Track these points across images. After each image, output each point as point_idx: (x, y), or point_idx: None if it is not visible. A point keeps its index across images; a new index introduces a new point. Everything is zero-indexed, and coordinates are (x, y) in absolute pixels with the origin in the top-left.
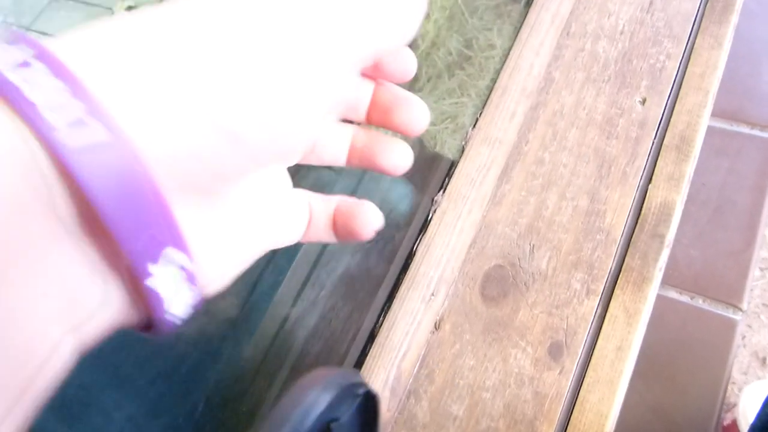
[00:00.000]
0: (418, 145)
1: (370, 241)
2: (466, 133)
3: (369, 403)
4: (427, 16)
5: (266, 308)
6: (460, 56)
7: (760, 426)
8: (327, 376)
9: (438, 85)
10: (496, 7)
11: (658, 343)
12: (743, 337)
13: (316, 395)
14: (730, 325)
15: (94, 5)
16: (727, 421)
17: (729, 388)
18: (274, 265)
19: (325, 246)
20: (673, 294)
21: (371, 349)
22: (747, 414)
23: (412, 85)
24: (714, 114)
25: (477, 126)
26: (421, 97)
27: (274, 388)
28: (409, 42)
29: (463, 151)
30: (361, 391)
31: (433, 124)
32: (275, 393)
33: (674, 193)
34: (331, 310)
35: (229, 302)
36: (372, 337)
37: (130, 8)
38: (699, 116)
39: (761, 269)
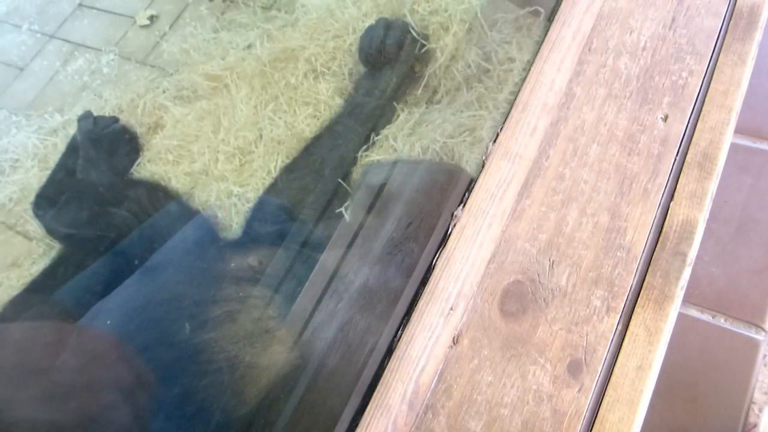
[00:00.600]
0: (437, 158)
1: (388, 254)
2: (486, 148)
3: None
4: (447, 30)
5: (284, 318)
6: (478, 69)
7: None
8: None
9: (456, 98)
10: (515, 20)
11: (679, 362)
12: (764, 356)
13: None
14: (753, 345)
15: (118, 14)
16: None
17: (751, 408)
18: (292, 275)
19: (343, 257)
20: (694, 312)
21: (389, 363)
22: None
23: (431, 98)
24: (737, 131)
25: (497, 141)
26: (439, 110)
27: (290, 400)
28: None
29: (483, 165)
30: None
31: (450, 136)
32: (292, 405)
33: (696, 211)
34: (348, 323)
35: (247, 313)
36: (390, 351)
37: (152, 17)
38: (722, 134)
39: None
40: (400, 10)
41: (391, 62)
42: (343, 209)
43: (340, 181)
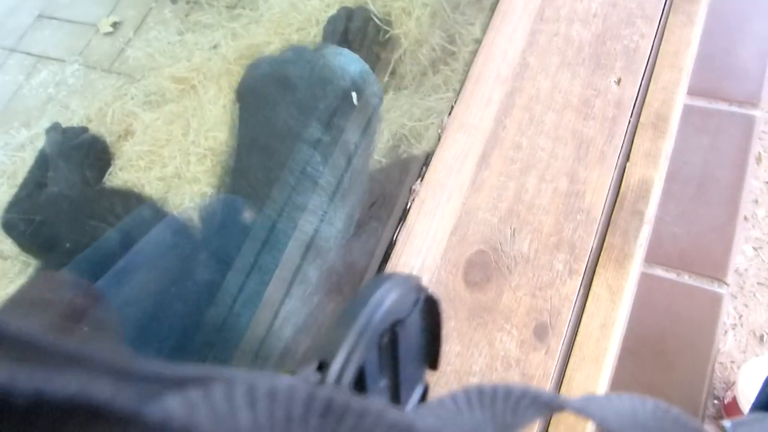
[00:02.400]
0: (406, 142)
1: (354, 236)
2: (442, 121)
3: (430, 307)
4: (409, 14)
5: (254, 308)
6: (443, 52)
7: (763, 404)
8: (391, 278)
9: (423, 82)
10: (478, 1)
11: (647, 321)
12: (740, 317)
13: (380, 296)
14: (716, 299)
15: (79, 23)
16: (728, 399)
17: (729, 366)
18: (259, 266)
19: (310, 243)
20: (659, 272)
21: None
22: (746, 391)
23: (398, 84)
24: (693, 92)
25: (452, 114)
26: (407, 95)
27: None
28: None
29: (439, 139)
30: (422, 295)
31: (419, 120)
32: None
33: (652, 170)
34: (317, 307)
35: (216, 305)
36: None
37: (115, 24)
38: (674, 93)
39: (754, 249)
40: None
41: (356, 51)
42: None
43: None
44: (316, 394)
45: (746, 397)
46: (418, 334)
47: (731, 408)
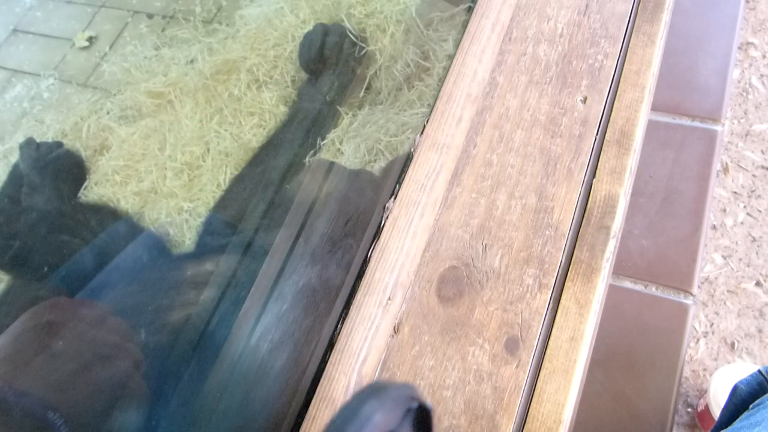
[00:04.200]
0: (382, 157)
1: (329, 253)
2: (414, 140)
3: (423, 417)
4: (384, 31)
5: (230, 326)
6: (418, 68)
7: (726, 420)
8: (381, 389)
9: (398, 97)
10: (451, 18)
11: (616, 332)
12: (711, 324)
13: (370, 409)
14: (683, 309)
15: (55, 37)
16: (701, 407)
17: (701, 374)
18: (236, 282)
19: (286, 260)
20: (627, 284)
21: (331, 356)
22: (718, 398)
23: (374, 99)
24: (657, 108)
25: (424, 133)
26: (382, 110)
27: (239, 406)
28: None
29: (411, 157)
30: (414, 405)
31: (394, 135)
32: (241, 410)
33: (617, 186)
34: (293, 323)
35: (192, 321)
36: (331, 345)
37: (91, 39)
38: (637, 111)
39: (724, 257)
40: (336, 15)
41: (332, 67)
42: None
43: (288, 187)
44: None
45: (718, 404)
46: None
47: (704, 416)
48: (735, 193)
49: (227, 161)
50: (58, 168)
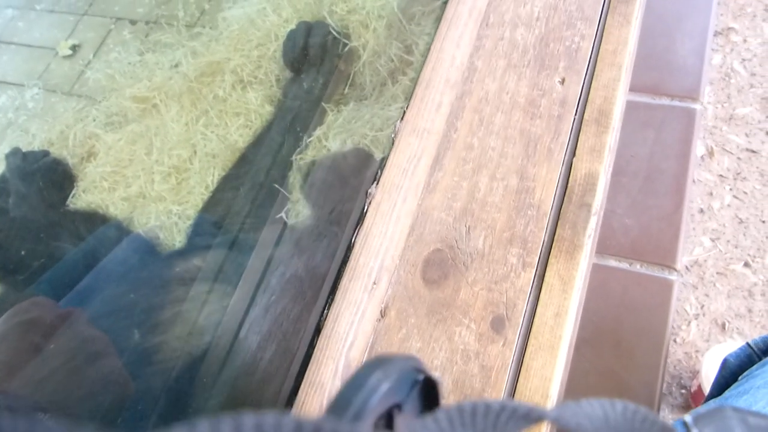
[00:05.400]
0: (355, 140)
1: (314, 242)
2: (395, 126)
3: (430, 389)
4: (366, 27)
5: (220, 319)
6: (401, 62)
7: (719, 389)
8: (387, 361)
9: (383, 92)
10: (433, 11)
11: (602, 310)
12: (702, 306)
13: (377, 380)
14: (667, 285)
15: (38, 47)
16: (694, 388)
17: (694, 355)
18: (224, 275)
19: (273, 251)
20: (612, 262)
21: (318, 342)
22: (710, 378)
23: (359, 95)
24: (637, 89)
25: (404, 119)
26: (367, 106)
27: (231, 398)
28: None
29: (393, 143)
30: (420, 377)
31: (380, 129)
32: (231, 399)
33: (597, 164)
34: (281, 313)
35: (182, 316)
36: (318, 331)
37: (74, 47)
38: (614, 90)
39: (712, 240)
40: (319, 13)
41: (316, 64)
42: (283, 214)
43: (276, 186)
44: (303, 424)
45: (710, 383)
46: (418, 417)
47: (697, 396)
48: (721, 176)
49: (214, 163)
50: (46, 177)
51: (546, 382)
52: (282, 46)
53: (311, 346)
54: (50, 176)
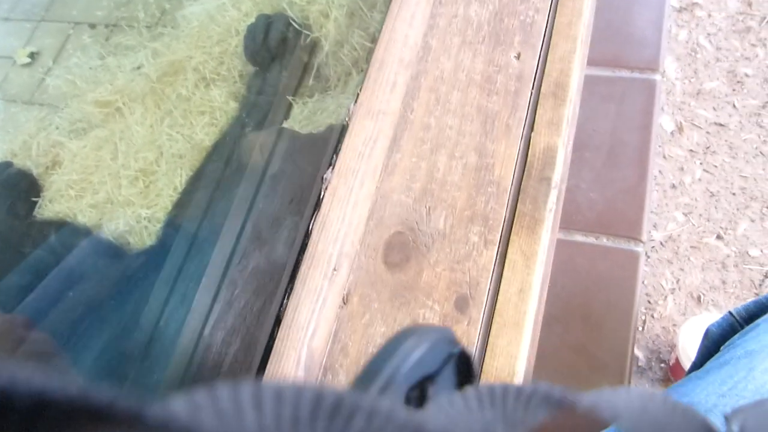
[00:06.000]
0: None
1: (275, 233)
2: (348, 109)
3: (464, 363)
4: (327, 17)
5: (184, 318)
6: (364, 51)
7: (704, 357)
8: (420, 329)
9: (348, 82)
10: None
11: (570, 286)
12: (677, 281)
13: (408, 348)
14: (634, 257)
15: None
16: (672, 361)
17: (671, 329)
18: (185, 273)
19: (235, 246)
20: (579, 237)
21: (278, 332)
22: (687, 350)
23: (323, 86)
24: (596, 63)
25: (358, 101)
26: (332, 96)
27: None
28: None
29: (347, 126)
30: (455, 350)
31: (345, 118)
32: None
33: (555, 137)
34: (245, 307)
35: (145, 315)
36: (278, 321)
37: (32, 54)
38: (570, 62)
39: (684, 214)
40: (278, 5)
41: (278, 57)
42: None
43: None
44: (324, 395)
45: (687, 356)
46: (451, 391)
47: (675, 369)
48: (691, 151)
49: (182, 163)
50: (10, 188)
51: (512, 360)
52: (243, 40)
53: (272, 338)
54: (14, 187)
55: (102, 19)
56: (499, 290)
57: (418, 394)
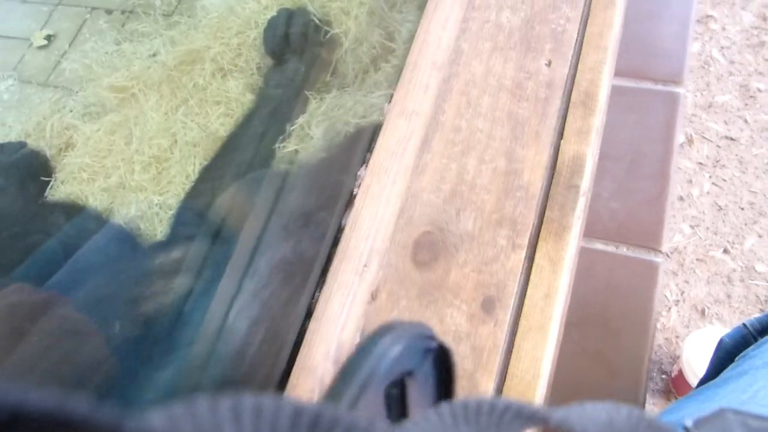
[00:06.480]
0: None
1: (303, 227)
2: (383, 108)
3: (443, 357)
4: (348, 14)
5: (206, 307)
6: (384, 49)
7: (715, 371)
8: (397, 326)
9: (365, 80)
10: None
11: (589, 293)
12: (682, 293)
13: (386, 345)
14: (653, 267)
15: (11, 38)
16: (674, 373)
17: (674, 341)
18: (211, 261)
19: (260, 237)
20: (599, 246)
21: (309, 325)
22: (691, 362)
23: (341, 82)
24: (620, 74)
25: (393, 101)
26: (350, 93)
27: (221, 382)
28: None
29: (381, 125)
30: (433, 344)
31: (362, 117)
32: (222, 386)
33: (584, 146)
34: (270, 297)
35: (167, 306)
36: (309, 314)
37: (49, 37)
38: (600, 72)
39: (691, 227)
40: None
41: (297, 52)
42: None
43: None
44: (303, 409)
45: (691, 368)
46: (431, 386)
47: (677, 380)
48: (700, 163)
49: (195, 152)
50: (23, 168)
51: (537, 363)
52: (262, 33)
53: (302, 330)
54: (28, 167)
55: (118, 5)
56: (525, 294)
57: (399, 390)
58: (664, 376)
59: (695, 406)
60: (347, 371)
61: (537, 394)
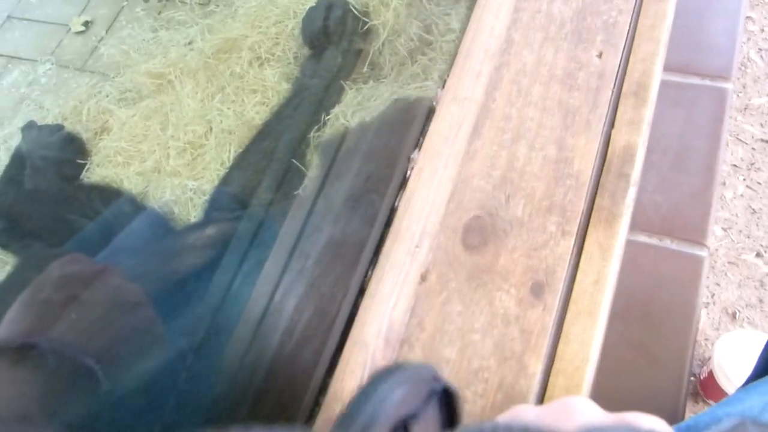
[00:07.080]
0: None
1: (351, 209)
2: (436, 93)
3: (448, 399)
4: (387, 5)
5: (253, 284)
6: (421, 42)
7: (762, 368)
8: (399, 368)
9: (402, 72)
10: None
11: (633, 285)
12: (713, 295)
13: (389, 388)
14: (697, 261)
15: (50, 23)
16: (704, 375)
17: (703, 344)
18: (258, 241)
19: (307, 218)
20: (643, 238)
21: (362, 302)
22: (722, 364)
23: (377, 74)
24: (668, 68)
25: (446, 87)
26: (386, 84)
27: (266, 361)
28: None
29: (434, 110)
30: (438, 386)
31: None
32: (268, 365)
33: (636, 136)
34: (319, 276)
35: (212, 284)
36: (362, 291)
37: (87, 23)
38: (653, 63)
39: (724, 229)
40: None
41: (335, 42)
42: (300, 191)
43: (294, 162)
44: None
45: (723, 371)
46: (436, 430)
47: (707, 383)
48: (734, 166)
49: (231, 139)
50: (60, 150)
51: (585, 347)
52: (301, 22)
53: (355, 306)
54: (65, 150)
55: None
56: (574, 280)
57: None
58: (692, 378)
59: (757, 398)
60: (348, 415)
61: (585, 379)
